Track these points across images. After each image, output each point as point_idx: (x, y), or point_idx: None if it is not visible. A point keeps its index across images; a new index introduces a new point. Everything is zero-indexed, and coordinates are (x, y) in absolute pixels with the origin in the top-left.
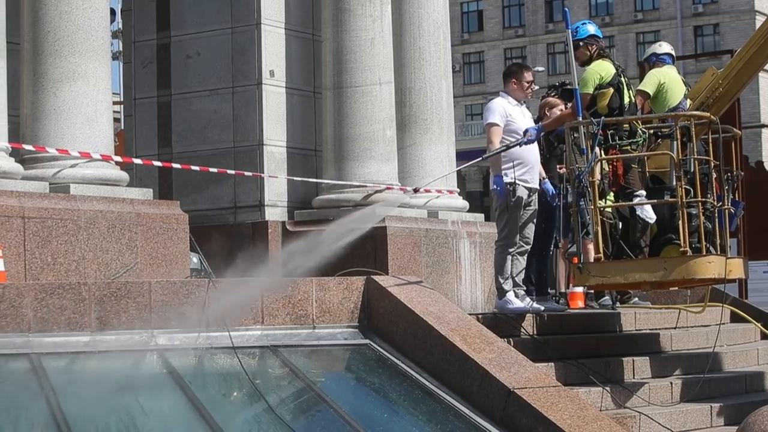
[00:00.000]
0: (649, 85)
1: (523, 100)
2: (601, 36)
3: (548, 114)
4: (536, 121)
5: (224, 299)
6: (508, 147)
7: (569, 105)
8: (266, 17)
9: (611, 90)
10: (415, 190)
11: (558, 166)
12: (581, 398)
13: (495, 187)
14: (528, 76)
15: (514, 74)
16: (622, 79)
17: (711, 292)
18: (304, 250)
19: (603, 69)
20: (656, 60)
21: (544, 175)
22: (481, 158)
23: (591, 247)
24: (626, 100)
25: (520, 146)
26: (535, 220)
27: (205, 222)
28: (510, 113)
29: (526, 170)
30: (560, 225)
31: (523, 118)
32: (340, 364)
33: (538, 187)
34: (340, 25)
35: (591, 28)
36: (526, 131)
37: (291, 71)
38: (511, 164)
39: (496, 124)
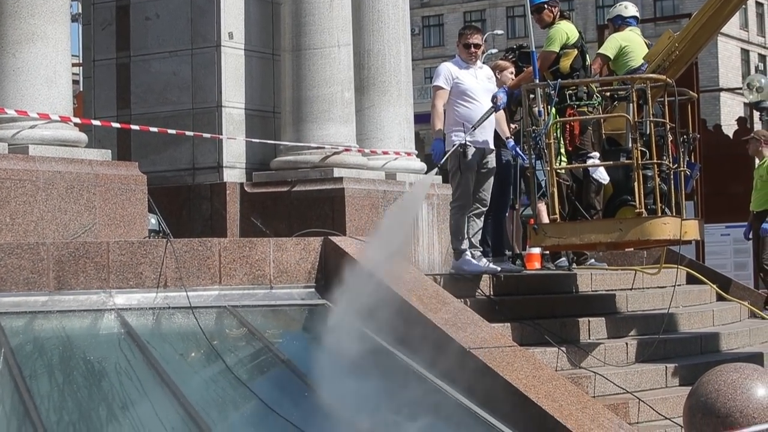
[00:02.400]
0: (609, 48)
1: (471, 62)
2: None
3: (499, 77)
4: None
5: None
6: (497, 109)
7: (528, 67)
8: None
9: (575, 51)
10: (437, 166)
11: (511, 125)
12: (537, 358)
13: (431, 151)
14: (469, 38)
15: (458, 37)
16: (584, 42)
17: (667, 254)
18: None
19: (569, 29)
20: (621, 23)
21: (508, 134)
22: (472, 127)
23: (542, 208)
24: (588, 62)
25: (497, 111)
26: (491, 180)
27: (163, 183)
28: (457, 75)
29: (477, 131)
30: (518, 187)
31: (474, 80)
32: (297, 324)
33: (493, 148)
34: None
35: None
36: (494, 96)
37: (250, 33)
38: (461, 126)
39: (439, 87)
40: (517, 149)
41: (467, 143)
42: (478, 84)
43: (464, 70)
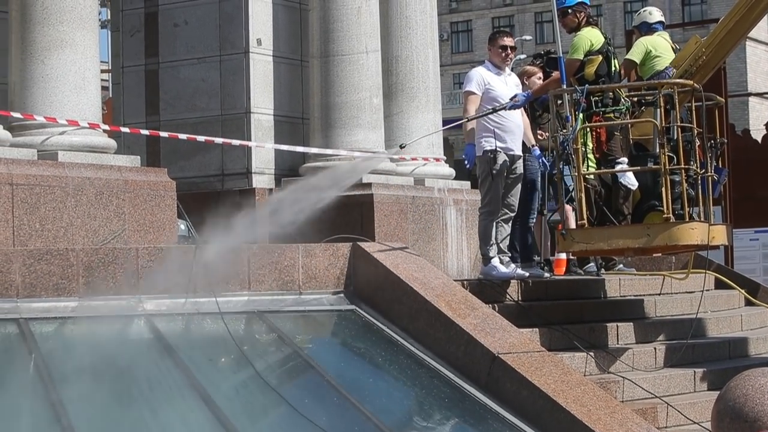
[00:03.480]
0: (636, 53)
1: (503, 66)
2: (589, 3)
3: (527, 83)
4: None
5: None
6: (494, 110)
7: (554, 73)
8: None
9: (600, 57)
10: (401, 147)
11: (539, 132)
12: (565, 363)
13: (464, 156)
14: (503, 41)
15: (490, 40)
16: (610, 48)
17: (695, 259)
18: (292, 200)
19: (593, 36)
20: (647, 30)
21: (533, 141)
22: (465, 119)
23: (570, 214)
24: (613, 68)
25: (506, 110)
26: (519, 187)
27: (192, 189)
28: (489, 81)
29: (507, 137)
30: (545, 193)
31: (504, 86)
32: (326, 329)
33: (521, 154)
34: None
35: None
36: (514, 96)
37: (278, 40)
38: (492, 132)
39: (472, 93)
40: (543, 158)
41: (497, 149)
42: (508, 90)
43: (496, 76)
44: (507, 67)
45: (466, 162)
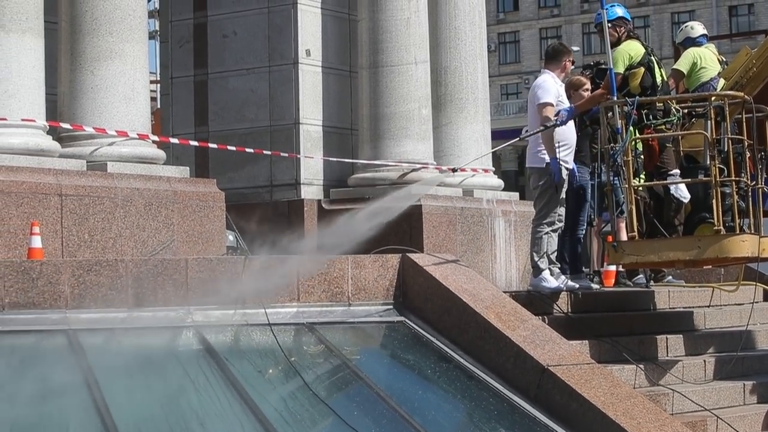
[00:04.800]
0: (683, 64)
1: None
2: (630, 18)
3: (573, 95)
4: None
5: (261, 277)
6: (547, 127)
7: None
8: None
9: (642, 69)
10: (453, 170)
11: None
12: (615, 376)
13: (552, 172)
14: (572, 55)
15: (567, 54)
16: (653, 58)
17: (745, 271)
18: (341, 229)
19: (632, 49)
20: (692, 44)
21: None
22: (518, 138)
23: (623, 225)
24: (658, 79)
25: (555, 128)
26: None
27: (241, 200)
28: (560, 93)
29: (568, 151)
30: (595, 204)
31: (567, 98)
32: (375, 341)
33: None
34: (376, 5)
35: (619, 11)
36: (558, 112)
37: (327, 50)
38: (557, 145)
39: (551, 104)
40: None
41: (561, 162)
42: (565, 101)
43: (561, 87)
44: None
45: (554, 177)
